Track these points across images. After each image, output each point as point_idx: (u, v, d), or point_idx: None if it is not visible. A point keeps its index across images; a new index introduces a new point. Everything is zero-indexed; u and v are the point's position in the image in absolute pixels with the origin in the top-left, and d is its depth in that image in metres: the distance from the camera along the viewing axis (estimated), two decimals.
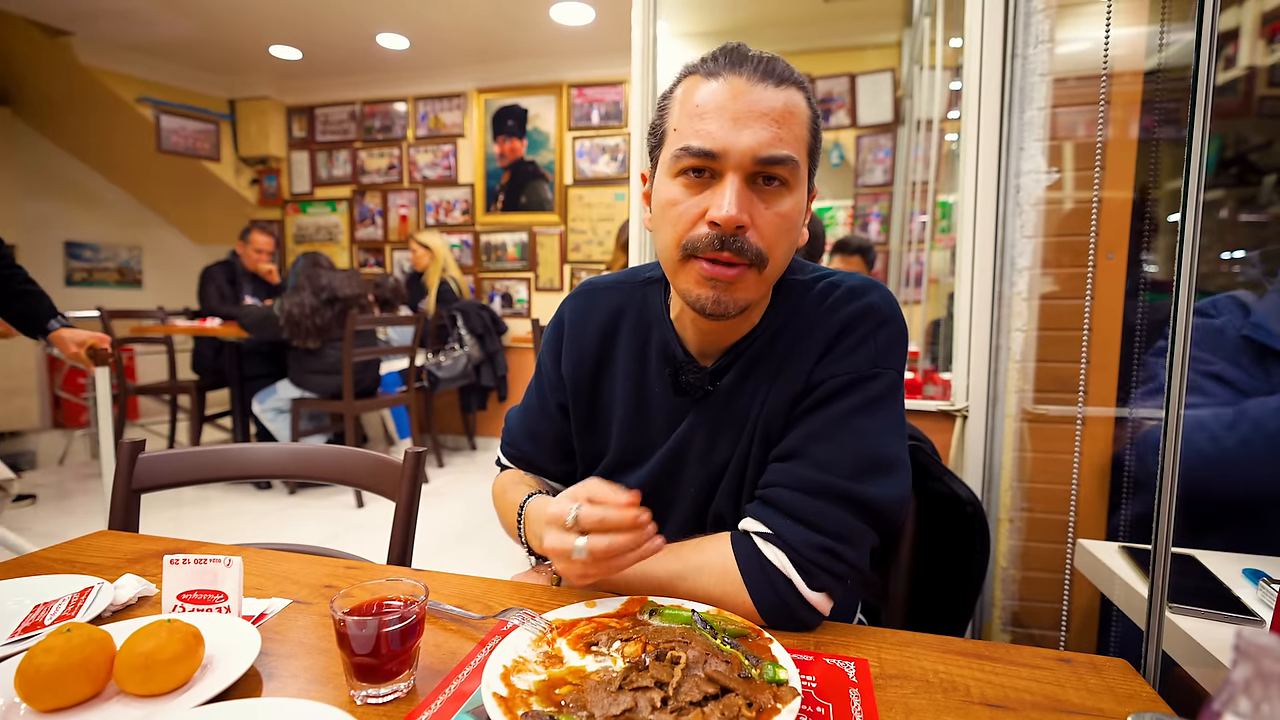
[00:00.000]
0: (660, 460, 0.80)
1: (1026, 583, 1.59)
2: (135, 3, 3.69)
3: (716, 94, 0.66)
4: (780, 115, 0.66)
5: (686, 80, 0.70)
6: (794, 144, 0.67)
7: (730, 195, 0.65)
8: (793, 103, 0.67)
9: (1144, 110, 1.47)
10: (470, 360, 4.06)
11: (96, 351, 2.06)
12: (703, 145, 0.66)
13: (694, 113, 0.67)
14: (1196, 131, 0.67)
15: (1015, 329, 1.56)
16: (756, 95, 0.65)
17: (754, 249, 0.67)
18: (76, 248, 5.00)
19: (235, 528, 3.04)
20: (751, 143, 0.65)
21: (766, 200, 0.67)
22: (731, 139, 0.65)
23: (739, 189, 0.66)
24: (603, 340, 0.85)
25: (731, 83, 0.66)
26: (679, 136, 0.68)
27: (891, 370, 0.73)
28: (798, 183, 0.68)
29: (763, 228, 0.67)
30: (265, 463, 1.05)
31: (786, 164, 0.66)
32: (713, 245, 0.66)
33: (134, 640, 0.54)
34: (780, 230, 0.68)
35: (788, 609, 0.67)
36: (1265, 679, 0.29)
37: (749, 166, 0.66)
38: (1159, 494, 0.71)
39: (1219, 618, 0.81)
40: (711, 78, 0.67)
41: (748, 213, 0.66)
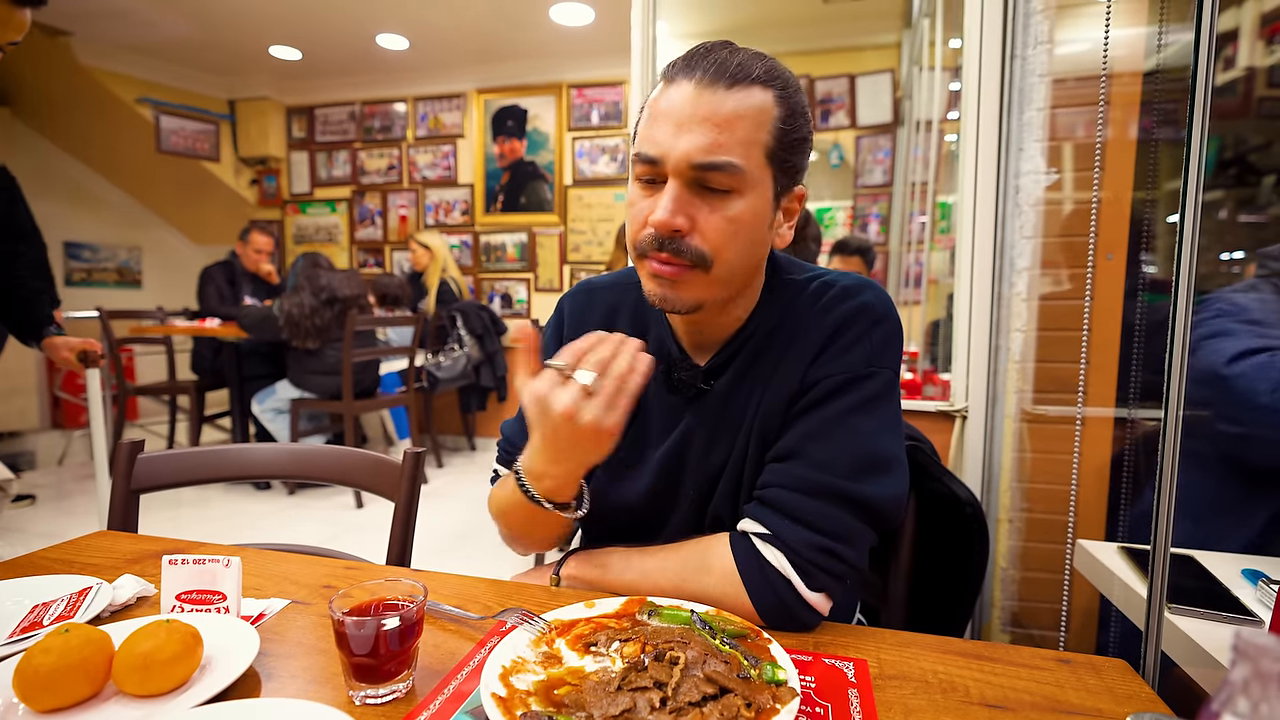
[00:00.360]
0: (660, 462, 0.80)
1: (1026, 583, 1.59)
2: (135, 3, 3.70)
3: (670, 99, 0.67)
4: (726, 119, 0.65)
5: (659, 85, 0.71)
6: (738, 148, 0.66)
7: (666, 200, 0.66)
8: (746, 104, 0.66)
9: (1143, 111, 1.47)
10: (470, 361, 4.06)
11: (87, 355, 2.06)
12: (648, 151, 0.67)
13: (651, 118, 0.69)
14: (1195, 132, 0.68)
15: (1015, 329, 1.56)
16: (703, 99, 0.65)
17: (693, 251, 0.68)
18: (76, 248, 5.00)
19: (234, 528, 3.04)
20: (688, 148, 0.65)
21: (712, 204, 0.67)
22: (670, 144, 0.66)
23: (676, 194, 0.66)
24: None
25: (682, 87, 0.67)
26: (638, 142, 0.70)
27: (887, 369, 0.73)
28: (746, 187, 0.67)
29: (707, 231, 0.67)
30: (264, 463, 1.05)
31: (725, 169, 0.65)
32: (653, 245, 0.69)
33: (132, 640, 0.54)
34: (728, 234, 0.68)
35: (787, 609, 0.67)
36: (1263, 679, 0.29)
37: (687, 172, 0.66)
38: (1158, 494, 0.71)
39: (1218, 618, 0.81)
40: (670, 83, 0.68)
41: (685, 216, 0.67)
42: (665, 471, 0.80)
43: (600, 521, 0.86)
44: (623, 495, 0.82)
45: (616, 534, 0.84)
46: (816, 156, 3.79)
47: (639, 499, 0.81)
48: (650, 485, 0.81)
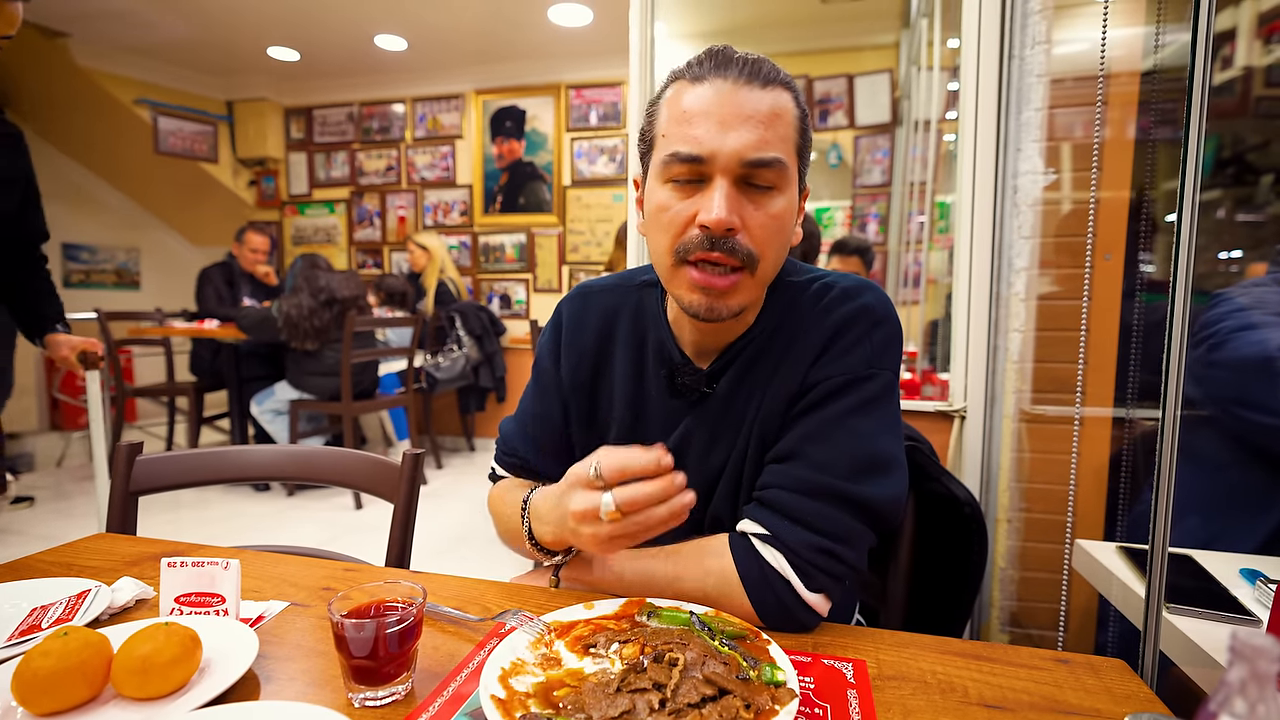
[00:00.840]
0: None
1: (1024, 583, 1.59)
2: (133, 4, 3.69)
3: (703, 98, 0.66)
4: (767, 117, 0.66)
5: (674, 86, 0.70)
6: (781, 145, 0.67)
7: (719, 198, 0.65)
8: (780, 104, 0.67)
9: (1141, 111, 1.47)
10: (469, 361, 4.06)
11: (87, 356, 2.04)
12: (690, 150, 0.66)
13: (681, 118, 0.67)
14: (1193, 132, 0.68)
15: (1013, 329, 1.56)
16: (742, 98, 0.65)
17: (745, 250, 0.67)
18: (74, 249, 4.99)
19: (233, 530, 3.04)
20: (738, 145, 0.65)
21: (757, 202, 0.68)
22: (718, 142, 0.65)
23: (728, 191, 0.66)
24: (600, 342, 0.85)
25: (717, 86, 0.66)
26: (667, 142, 0.69)
27: (887, 370, 0.73)
28: (787, 184, 0.68)
29: (754, 229, 0.68)
30: (263, 464, 1.05)
31: (774, 166, 0.66)
32: (703, 246, 0.67)
33: (131, 643, 0.54)
34: (772, 231, 0.68)
35: (786, 610, 0.67)
36: (1260, 679, 0.29)
37: (737, 170, 0.66)
38: (1156, 493, 0.71)
39: (1216, 618, 0.81)
40: (698, 82, 0.67)
41: (738, 215, 0.66)
42: None
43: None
44: None
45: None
46: (815, 156, 3.80)
47: None
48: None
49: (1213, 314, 1.22)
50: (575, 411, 0.86)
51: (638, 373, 0.82)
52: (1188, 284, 0.69)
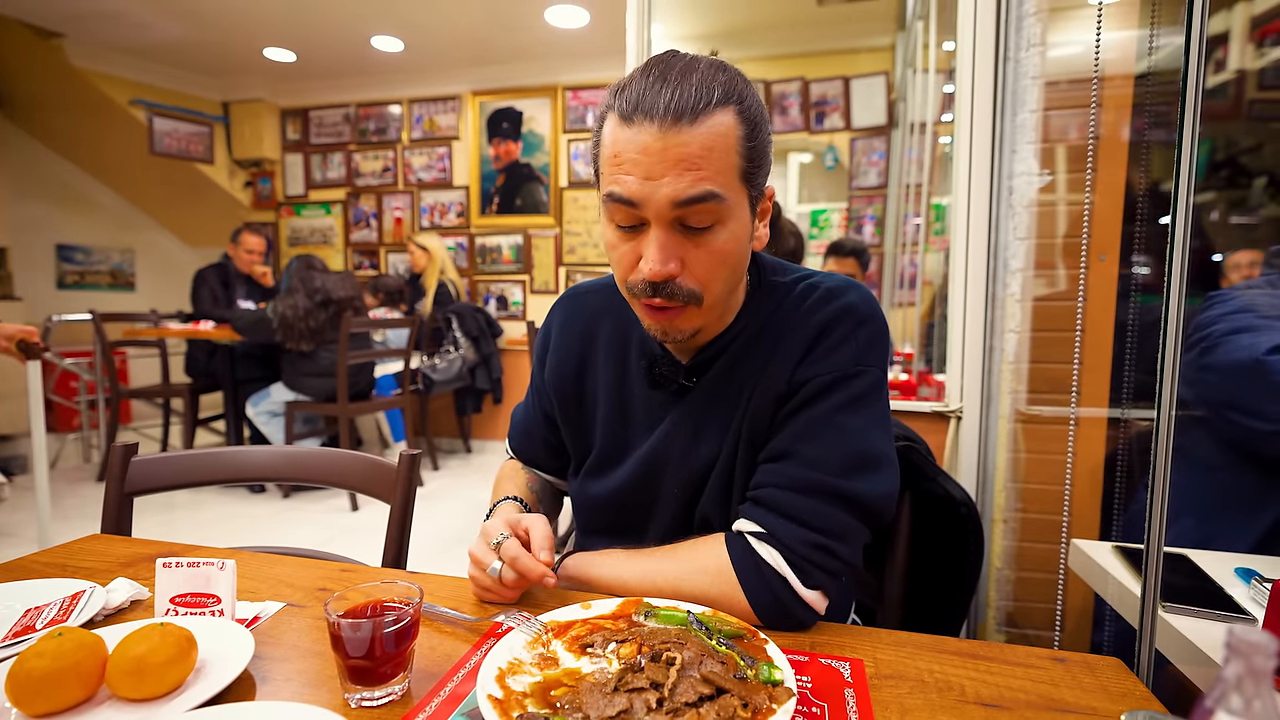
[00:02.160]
0: (640, 458, 0.81)
1: (1021, 583, 1.60)
2: (128, 5, 3.68)
3: (631, 143, 0.64)
4: (698, 157, 0.63)
5: (609, 119, 0.67)
6: (717, 178, 0.64)
7: (654, 250, 0.65)
8: (714, 134, 0.63)
9: (1135, 113, 1.48)
10: (465, 363, 4.05)
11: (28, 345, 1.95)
12: (621, 193, 0.65)
13: (613, 160, 0.66)
14: (1186, 134, 0.68)
15: (1009, 330, 1.56)
16: (669, 142, 0.62)
17: (685, 291, 0.68)
18: (68, 250, 4.97)
19: (229, 531, 3.03)
20: (668, 193, 0.63)
21: (697, 241, 0.67)
22: (648, 191, 0.64)
23: (663, 240, 0.65)
24: (585, 341, 0.87)
25: (643, 131, 0.63)
26: (604, 180, 0.68)
27: (874, 368, 0.74)
28: (727, 215, 0.67)
29: (695, 268, 0.68)
30: (259, 466, 1.05)
31: (708, 201, 0.64)
32: (646, 292, 0.68)
33: (126, 644, 0.53)
34: (715, 265, 0.68)
35: (783, 608, 0.67)
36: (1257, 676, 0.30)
37: (669, 214, 0.65)
38: (1151, 493, 0.72)
39: (1211, 616, 0.82)
40: (626, 123, 0.64)
41: (676, 259, 0.66)
42: (645, 468, 0.81)
43: (588, 514, 0.88)
44: (607, 490, 0.84)
45: (603, 531, 0.86)
46: (811, 158, 3.81)
47: (618, 494, 0.82)
48: (628, 482, 0.82)
49: (1205, 317, 1.22)
50: (563, 412, 0.88)
51: (621, 368, 0.84)
52: (1182, 285, 0.69)
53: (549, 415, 0.91)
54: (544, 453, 0.94)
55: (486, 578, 0.70)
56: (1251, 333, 1.14)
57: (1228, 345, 1.15)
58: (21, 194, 4.65)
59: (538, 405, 0.93)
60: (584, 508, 0.89)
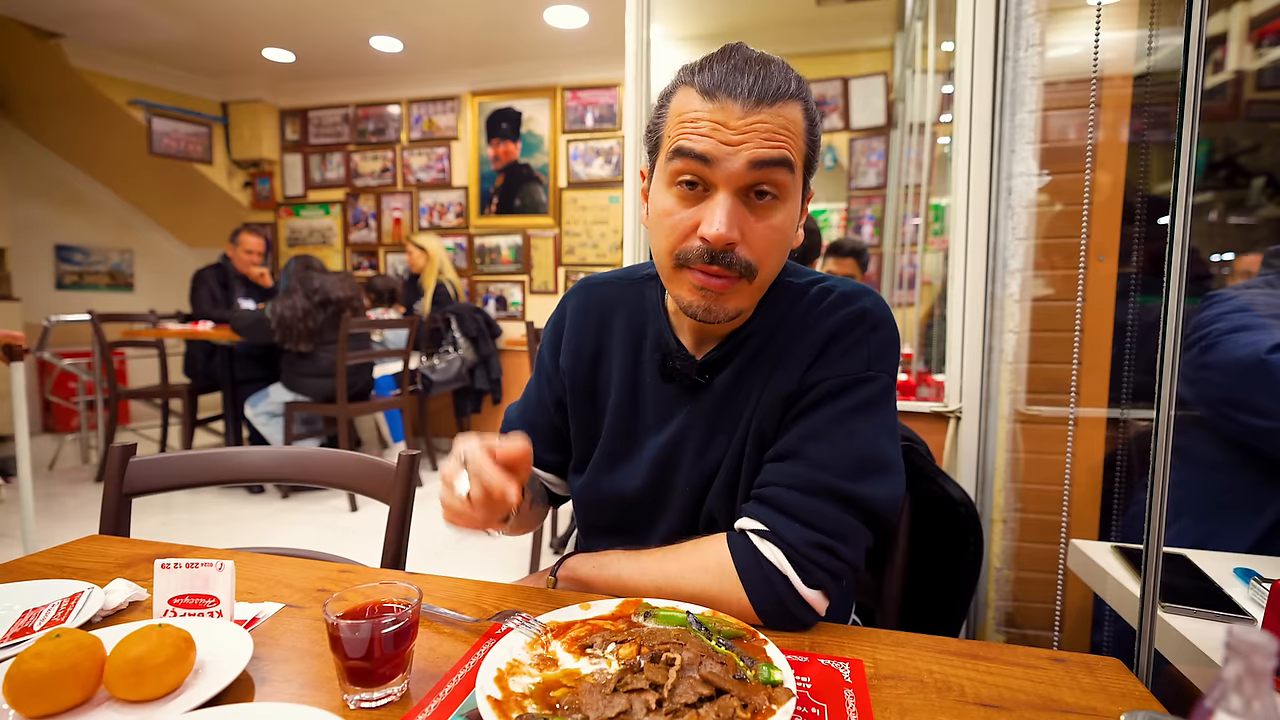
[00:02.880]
0: (655, 456, 0.80)
1: (1020, 583, 1.60)
2: (127, 5, 3.68)
3: (712, 113, 0.66)
4: (773, 133, 0.66)
5: (683, 90, 0.69)
6: (792, 152, 0.67)
7: (721, 213, 0.66)
8: (789, 119, 0.67)
9: (1134, 113, 1.48)
10: (464, 363, 4.05)
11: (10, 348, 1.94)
12: (697, 148, 0.66)
13: (687, 121, 0.67)
14: (1185, 135, 0.68)
15: (1008, 330, 1.56)
16: (751, 117, 0.65)
17: (743, 262, 0.68)
18: (67, 251, 4.97)
19: (227, 532, 3.02)
20: (749, 155, 0.65)
21: (758, 214, 0.68)
22: (725, 152, 0.65)
23: (730, 206, 0.66)
24: (599, 332, 0.87)
25: (726, 107, 0.65)
26: (670, 142, 0.69)
27: (884, 374, 0.74)
28: (791, 192, 0.69)
29: (754, 241, 0.68)
30: (258, 466, 1.05)
31: (782, 167, 0.66)
32: (703, 258, 0.68)
33: (124, 645, 0.53)
34: (772, 243, 0.69)
35: (783, 607, 0.67)
36: (1256, 676, 0.30)
37: (741, 179, 0.66)
38: (1150, 493, 0.72)
39: (1211, 616, 0.82)
40: (707, 97, 0.66)
41: (738, 228, 0.67)
42: (660, 466, 0.80)
43: (593, 511, 0.87)
44: (616, 486, 0.83)
45: (609, 527, 0.85)
46: None
47: (632, 492, 0.82)
48: (644, 479, 0.81)
49: (1204, 316, 1.22)
50: (573, 400, 0.87)
51: (634, 361, 0.84)
52: (1181, 285, 0.69)
53: (560, 401, 0.89)
54: (545, 445, 0.91)
55: (456, 499, 0.66)
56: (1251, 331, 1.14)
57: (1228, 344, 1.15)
58: (20, 194, 4.64)
59: (548, 392, 0.90)
60: (590, 504, 0.87)
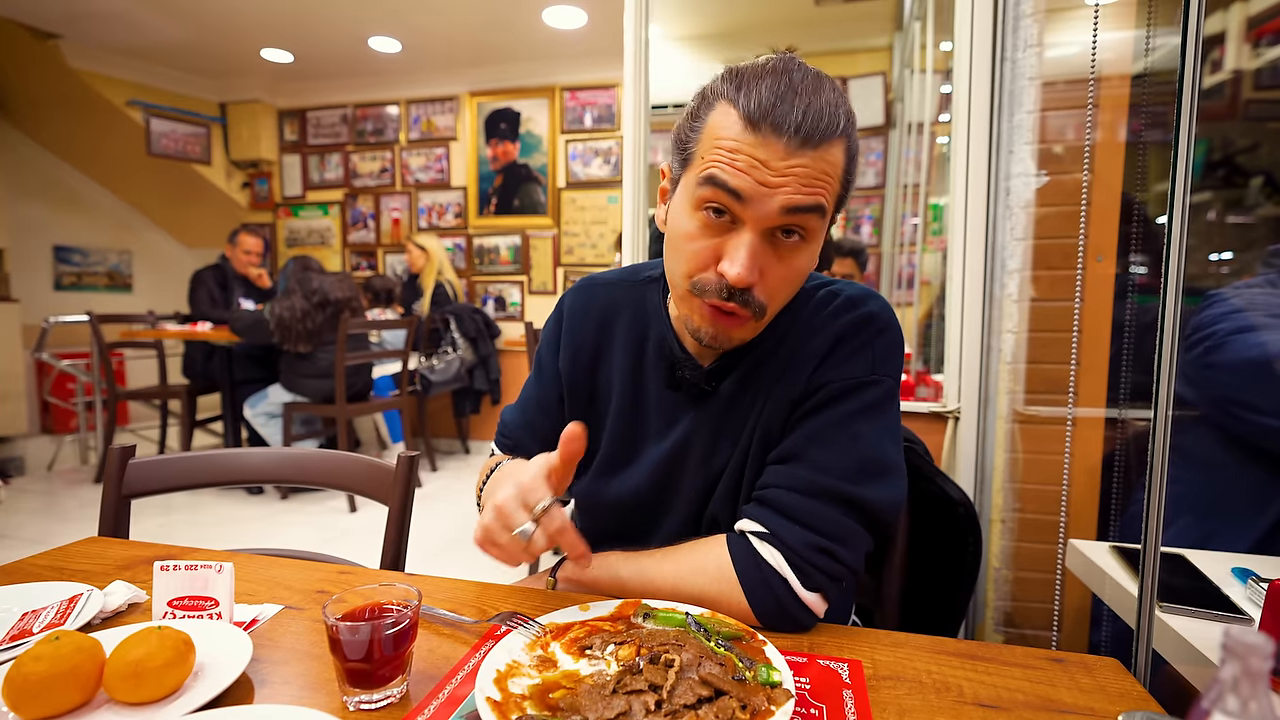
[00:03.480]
0: (658, 462, 0.80)
1: (1019, 583, 1.60)
2: (125, 6, 3.67)
3: (754, 147, 0.62)
4: (816, 176, 0.63)
5: (723, 108, 0.65)
6: (826, 197, 0.65)
7: (745, 254, 0.64)
8: (830, 162, 0.64)
9: (1131, 114, 1.49)
10: (463, 364, 4.05)
11: None
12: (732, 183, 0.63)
13: (725, 149, 0.64)
14: (1183, 134, 0.68)
15: (1006, 331, 1.56)
16: (793, 160, 0.62)
17: (758, 303, 0.67)
18: (65, 252, 4.96)
19: (226, 533, 3.02)
20: (784, 200, 0.63)
21: (782, 254, 0.66)
22: (762, 194, 0.63)
23: (755, 247, 0.64)
24: (600, 333, 0.85)
25: (769, 142, 0.62)
26: (706, 165, 0.65)
27: (888, 378, 0.74)
28: (816, 234, 0.67)
29: (770, 282, 0.67)
30: (257, 467, 1.05)
31: (814, 213, 0.64)
32: (719, 294, 0.67)
33: (124, 647, 0.53)
34: (787, 283, 0.69)
35: (782, 608, 0.67)
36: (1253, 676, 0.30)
37: (771, 222, 0.64)
38: (1148, 493, 0.72)
39: (1208, 616, 0.82)
40: (751, 127, 0.63)
41: (760, 270, 0.66)
42: (662, 472, 0.80)
43: (593, 516, 0.87)
44: (618, 492, 0.82)
45: (609, 534, 0.84)
46: None
47: (633, 497, 0.81)
48: (645, 485, 0.81)
49: (1207, 315, 1.22)
50: (572, 401, 0.86)
51: (636, 365, 0.83)
52: (1179, 285, 0.69)
53: (561, 400, 0.88)
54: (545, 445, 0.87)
55: (505, 535, 0.63)
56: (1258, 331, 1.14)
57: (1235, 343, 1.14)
58: (18, 195, 4.64)
59: (551, 389, 0.88)
60: (591, 509, 0.87)
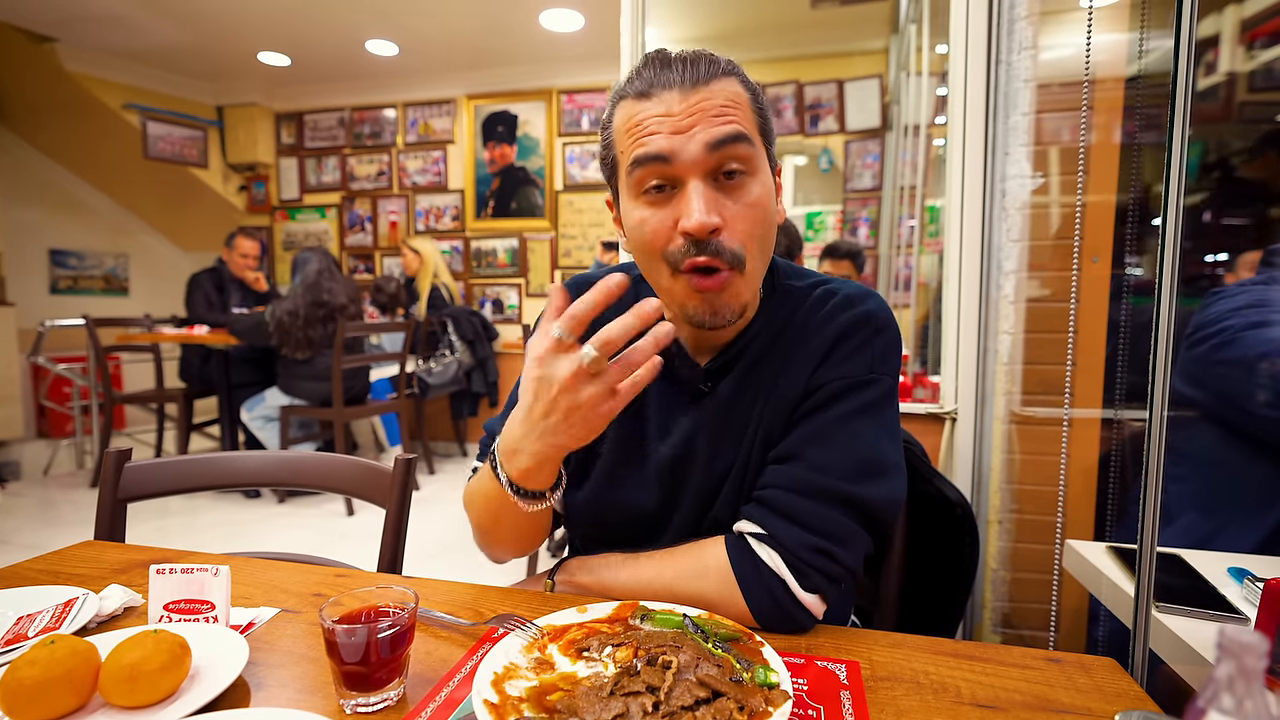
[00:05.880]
0: (662, 468, 0.78)
1: (1016, 583, 1.60)
2: (121, 9, 3.67)
3: (654, 109, 0.66)
4: (721, 106, 0.66)
5: (621, 106, 0.70)
6: (744, 123, 0.67)
7: (696, 201, 0.65)
8: (729, 92, 0.67)
9: (1126, 115, 1.49)
10: (461, 366, 4.04)
11: None
12: (652, 150, 0.66)
13: (637, 131, 0.67)
14: (1177, 136, 0.69)
15: (1002, 332, 1.57)
16: (692, 100, 0.66)
17: (729, 251, 0.67)
18: (62, 255, 4.95)
19: (223, 537, 3.01)
20: (704, 137, 0.65)
21: (732, 194, 0.67)
22: (680, 142, 0.65)
23: (703, 191, 0.66)
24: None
25: (664, 98, 0.66)
26: (627, 156, 0.69)
27: (887, 377, 0.74)
28: (757, 164, 0.68)
29: (736, 224, 0.67)
30: (254, 471, 1.04)
31: (741, 141, 0.66)
32: (689, 252, 0.67)
33: (119, 651, 0.53)
34: (753, 221, 0.68)
35: (781, 610, 0.67)
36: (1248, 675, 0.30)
37: (707, 163, 0.66)
38: (1144, 493, 0.72)
39: (1205, 616, 0.82)
40: (643, 98, 0.67)
41: (717, 212, 0.66)
42: (670, 477, 0.78)
43: (596, 525, 0.83)
44: (625, 500, 0.79)
45: (614, 540, 0.81)
46: (806, 161, 3.82)
47: (642, 505, 0.79)
48: (655, 491, 0.78)
49: (1213, 312, 1.22)
50: None
51: None
52: (1173, 286, 0.70)
53: None
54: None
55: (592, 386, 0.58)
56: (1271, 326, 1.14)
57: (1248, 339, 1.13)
58: (14, 199, 4.63)
59: None
60: (595, 518, 0.83)
